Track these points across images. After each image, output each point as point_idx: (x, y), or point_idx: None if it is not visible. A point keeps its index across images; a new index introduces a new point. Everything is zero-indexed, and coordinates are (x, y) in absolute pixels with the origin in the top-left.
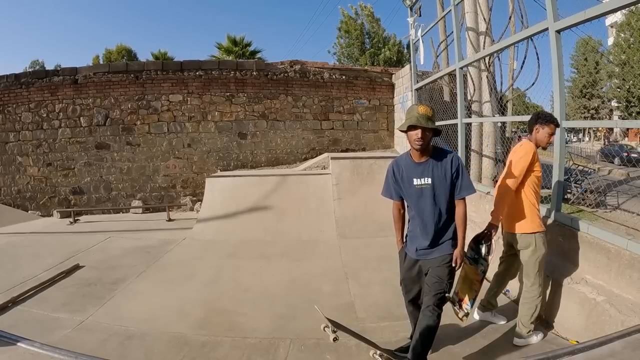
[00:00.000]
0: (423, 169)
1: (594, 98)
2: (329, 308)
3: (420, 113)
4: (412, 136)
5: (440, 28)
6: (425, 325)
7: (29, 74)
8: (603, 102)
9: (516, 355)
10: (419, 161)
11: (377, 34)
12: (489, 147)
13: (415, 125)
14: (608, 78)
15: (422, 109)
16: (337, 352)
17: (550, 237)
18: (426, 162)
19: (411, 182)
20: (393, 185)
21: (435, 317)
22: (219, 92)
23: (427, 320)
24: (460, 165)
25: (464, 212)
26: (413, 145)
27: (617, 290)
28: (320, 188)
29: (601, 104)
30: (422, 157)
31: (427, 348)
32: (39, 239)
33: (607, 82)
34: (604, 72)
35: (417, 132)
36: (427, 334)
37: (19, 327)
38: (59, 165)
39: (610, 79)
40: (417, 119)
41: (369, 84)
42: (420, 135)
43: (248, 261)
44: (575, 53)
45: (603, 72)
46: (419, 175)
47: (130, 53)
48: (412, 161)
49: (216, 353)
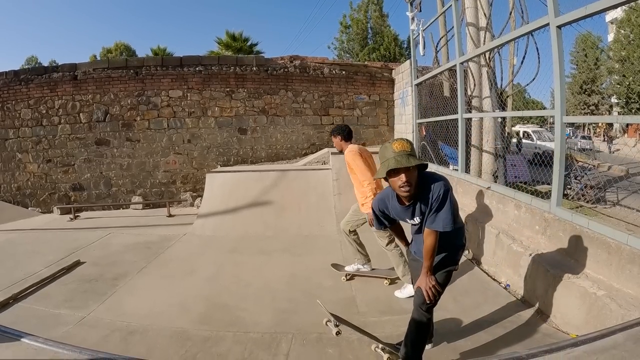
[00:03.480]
0: (413, 210)
1: (593, 94)
2: (330, 302)
3: (397, 151)
4: (396, 182)
5: (440, 23)
6: (413, 323)
7: (28, 70)
8: (603, 99)
9: (518, 348)
10: (407, 204)
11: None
12: (489, 142)
13: (396, 168)
14: (608, 74)
15: (397, 145)
16: (339, 346)
17: (551, 232)
18: (414, 203)
19: (405, 221)
20: (384, 220)
21: (423, 318)
22: (219, 88)
23: (414, 319)
24: (438, 199)
25: (429, 244)
26: (399, 192)
27: (617, 284)
28: (320, 183)
29: (601, 100)
30: (410, 199)
31: (416, 346)
32: (39, 236)
33: (607, 79)
34: (604, 68)
35: (400, 177)
36: (415, 331)
37: (21, 324)
38: (58, 162)
39: (610, 75)
40: (396, 159)
41: (369, 80)
42: (405, 179)
43: (249, 256)
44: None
45: (603, 68)
46: (411, 216)
47: (128, 50)
48: (399, 204)
49: (218, 348)
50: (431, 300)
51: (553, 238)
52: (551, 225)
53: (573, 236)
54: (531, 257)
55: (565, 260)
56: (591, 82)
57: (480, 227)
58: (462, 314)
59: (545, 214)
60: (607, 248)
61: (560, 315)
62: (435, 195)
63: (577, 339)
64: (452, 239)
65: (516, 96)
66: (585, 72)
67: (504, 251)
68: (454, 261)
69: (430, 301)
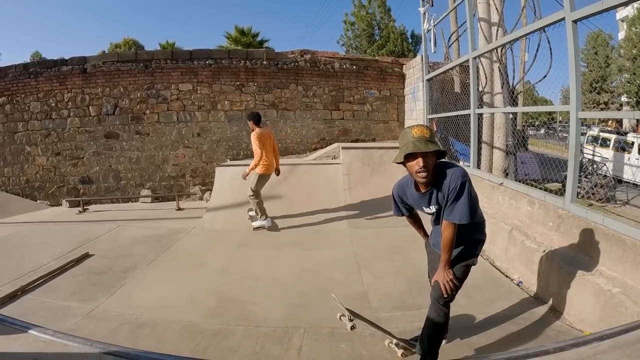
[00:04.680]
0: (429, 198)
1: (603, 92)
2: (342, 297)
3: (416, 136)
4: (413, 167)
5: (451, 19)
6: (430, 318)
7: (37, 63)
8: (613, 97)
9: (531, 345)
10: (424, 191)
11: (387, 25)
12: (500, 138)
13: (413, 152)
14: (619, 72)
15: (417, 130)
16: (351, 341)
17: (565, 229)
18: (430, 190)
19: (422, 209)
20: (402, 207)
21: (440, 313)
22: (229, 82)
23: (432, 314)
24: (455, 189)
25: (447, 236)
26: (416, 178)
27: (632, 282)
28: (330, 178)
29: (611, 99)
30: (427, 186)
31: (433, 341)
32: (48, 228)
33: (617, 77)
34: (615, 66)
35: (417, 162)
36: (432, 327)
37: (29, 316)
38: (67, 155)
39: (620, 73)
40: (414, 144)
41: (380, 75)
42: (422, 164)
43: (258, 250)
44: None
45: (613, 66)
46: (427, 204)
47: (137, 45)
48: (416, 191)
49: (229, 342)
50: (449, 294)
51: (567, 234)
52: (565, 221)
53: (587, 233)
54: (545, 253)
55: (580, 257)
56: (601, 80)
57: (492, 223)
58: (475, 310)
59: (559, 211)
60: (622, 245)
61: (575, 313)
62: (452, 185)
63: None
64: (471, 233)
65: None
66: (595, 70)
67: (517, 247)
68: (473, 255)
69: (448, 295)
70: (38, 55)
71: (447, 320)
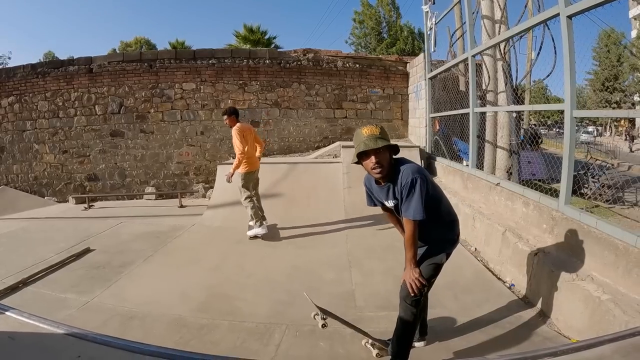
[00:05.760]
0: (387, 191)
1: (615, 92)
2: (328, 296)
3: (366, 135)
4: (368, 165)
5: (455, 16)
6: (399, 318)
7: (45, 63)
8: (625, 96)
9: (513, 350)
10: (382, 185)
11: (395, 23)
12: (503, 138)
13: (365, 151)
14: (631, 71)
15: (366, 130)
16: (331, 339)
17: (558, 231)
18: (388, 185)
19: (384, 203)
20: (373, 198)
21: (408, 312)
22: (232, 81)
23: (400, 314)
24: (406, 186)
25: (408, 233)
26: (373, 174)
27: (623, 289)
28: (330, 176)
29: (623, 98)
30: (384, 180)
31: (403, 342)
32: (53, 224)
33: (629, 76)
34: (627, 64)
35: (370, 159)
36: (401, 327)
37: (27, 306)
38: (74, 153)
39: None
40: (365, 143)
41: (383, 73)
42: (375, 160)
43: (254, 248)
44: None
45: (626, 64)
46: (385, 198)
47: (148, 44)
48: (376, 185)
49: (212, 335)
50: (415, 293)
51: (560, 237)
52: (559, 224)
53: (580, 236)
54: (537, 256)
55: (571, 260)
56: (613, 79)
57: (487, 224)
58: (461, 313)
59: (553, 212)
60: (614, 250)
61: (563, 319)
62: (403, 182)
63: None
64: (438, 231)
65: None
66: (607, 68)
67: (510, 249)
68: (441, 255)
69: (415, 294)
70: (51, 55)
71: (416, 320)
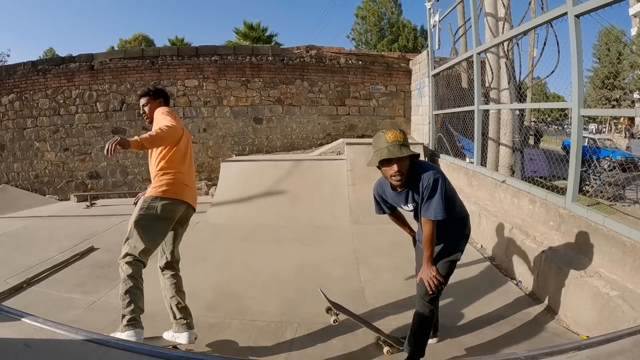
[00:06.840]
0: (406, 196)
1: (615, 89)
2: (338, 293)
3: (389, 141)
4: (388, 172)
5: (459, 13)
6: (416, 316)
7: (45, 61)
8: (625, 94)
9: (524, 347)
10: (400, 191)
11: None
12: (506, 135)
13: (388, 158)
14: (631, 68)
15: (390, 135)
16: (343, 337)
17: (565, 229)
18: (406, 190)
19: (401, 207)
20: (384, 206)
21: (426, 310)
22: (235, 77)
23: (418, 311)
24: (428, 187)
25: (427, 233)
26: (391, 181)
27: (631, 285)
28: (334, 173)
29: (623, 95)
30: (402, 187)
31: (420, 338)
32: (55, 223)
33: (629, 73)
34: (627, 62)
35: (392, 167)
36: (418, 324)
37: (33, 307)
38: (76, 150)
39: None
40: (389, 149)
41: (386, 70)
42: (397, 169)
43: (260, 245)
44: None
45: (626, 62)
46: (404, 202)
47: (147, 41)
48: (392, 191)
49: (223, 334)
50: (433, 290)
51: (567, 234)
52: (566, 221)
53: (588, 233)
54: (544, 253)
55: (579, 257)
56: (613, 76)
57: (493, 222)
58: (471, 310)
59: (560, 210)
60: (622, 247)
61: (571, 315)
62: (425, 183)
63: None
64: (453, 229)
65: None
66: (607, 66)
67: (517, 247)
68: (457, 251)
69: (433, 292)
70: (52, 52)
71: (433, 317)
